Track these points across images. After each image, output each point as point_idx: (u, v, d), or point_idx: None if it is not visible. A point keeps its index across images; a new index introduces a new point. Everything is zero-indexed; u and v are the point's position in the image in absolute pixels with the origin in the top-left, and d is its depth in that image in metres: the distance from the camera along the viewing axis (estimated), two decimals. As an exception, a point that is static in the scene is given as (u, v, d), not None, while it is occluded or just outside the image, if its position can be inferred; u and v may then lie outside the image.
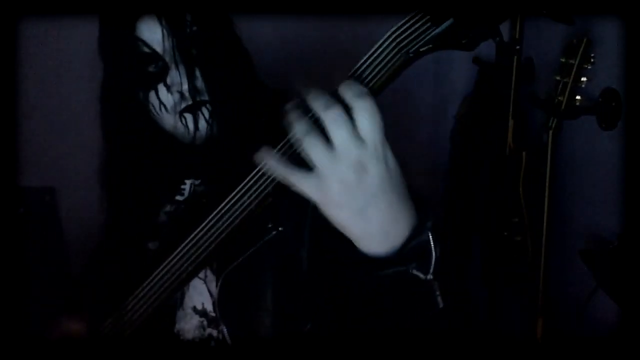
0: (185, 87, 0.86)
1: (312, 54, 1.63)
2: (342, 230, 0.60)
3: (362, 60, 0.59)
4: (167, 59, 0.86)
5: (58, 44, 1.55)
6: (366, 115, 0.55)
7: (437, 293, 0.62)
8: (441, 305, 0.62)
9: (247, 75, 0.94)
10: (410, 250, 0.60)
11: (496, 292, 1.69)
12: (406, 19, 0.57)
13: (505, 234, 1.61)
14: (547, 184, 1.44)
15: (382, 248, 0.60)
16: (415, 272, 0.60)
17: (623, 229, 1.31)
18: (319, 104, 0.56)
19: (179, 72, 0.86)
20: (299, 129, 0.57)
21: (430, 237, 0.61)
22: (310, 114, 0.58)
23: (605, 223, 1.40)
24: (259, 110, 0.91)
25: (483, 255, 1.77)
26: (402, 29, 0.57)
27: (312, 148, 0.56)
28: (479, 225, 1.78)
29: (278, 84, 0.99)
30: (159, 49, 0.86)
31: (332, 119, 0.55)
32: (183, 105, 0.87)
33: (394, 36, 0.57)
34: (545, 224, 1.44)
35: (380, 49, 0.58)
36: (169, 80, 0.86)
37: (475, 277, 1.79)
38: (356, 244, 0.61)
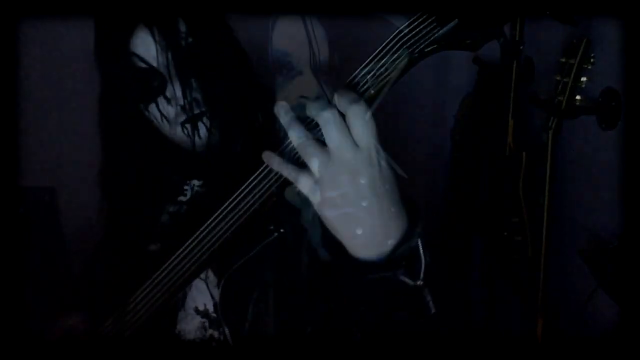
0: (182, 102, 0.85)
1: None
2: (334, 233, 0.61)
3: (368, 60, 0.59)
4: (164, 72, 0.85)
5: (58, 44, 1.55)
6: (360, 121, 0.56)
7: (428, 299, 0.62)
8: (433, 310, 0.62)
9: (246, 78, 0.93)
10: (398, 257, 0.60)
11: (496, 292, 1.69)
12: (411, 19, 0.57)
13: (505, 234, 1.61)
14: (547, 184, 1.43)
15: (371, 253, 0.60)
16: (402, 278, 0.60)
17: (623, 229, 1.31)
18: (313, 107, 0.57)
19: (176, 86, 0.85)
20: (292, 135, 0.59)
21: (420, 243, 0.61)
22: (308, 120, 0.59)
23: (605, 223, 1.40)
24: (259, 112, 0.92)
25: (483, 255, 1.77)
26: (408, 29, 0.57)
27: (307, 153, 0.58)
28: (479, 225, 1.78)
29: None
30: (154, 63, 0.84)
31: (326, 120, 0.56)
32: (183, 117, 0.87)
33: (399, 36, 0.58)
34: (545, 224, 1.44)
35: (386, 49, 0.58)
36: (168, 94, 0.86)
37: (475, 277, 1.79)
38: (346, 247, 0.61)
